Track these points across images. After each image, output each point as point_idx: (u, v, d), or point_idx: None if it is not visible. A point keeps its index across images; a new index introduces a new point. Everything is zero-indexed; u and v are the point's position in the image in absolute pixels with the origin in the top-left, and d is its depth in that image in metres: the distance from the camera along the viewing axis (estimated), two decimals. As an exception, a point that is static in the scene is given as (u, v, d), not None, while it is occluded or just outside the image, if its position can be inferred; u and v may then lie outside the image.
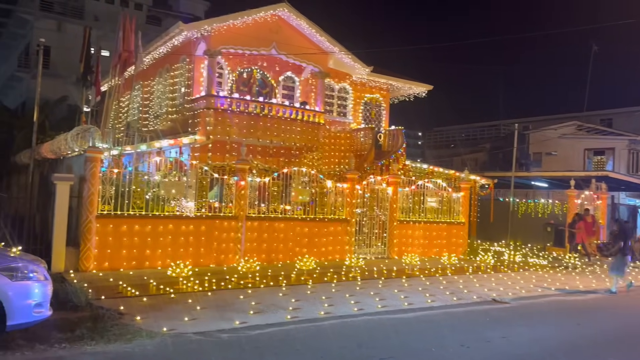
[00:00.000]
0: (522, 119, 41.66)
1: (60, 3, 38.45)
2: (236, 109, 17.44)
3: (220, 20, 17.55)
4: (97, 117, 16.92)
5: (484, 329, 8.61)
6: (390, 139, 21.84)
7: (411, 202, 17.59)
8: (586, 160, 34.85)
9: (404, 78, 23.50)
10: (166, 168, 13.81)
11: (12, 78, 39.71)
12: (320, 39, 19.33)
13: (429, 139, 57.21)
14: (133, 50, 14.99)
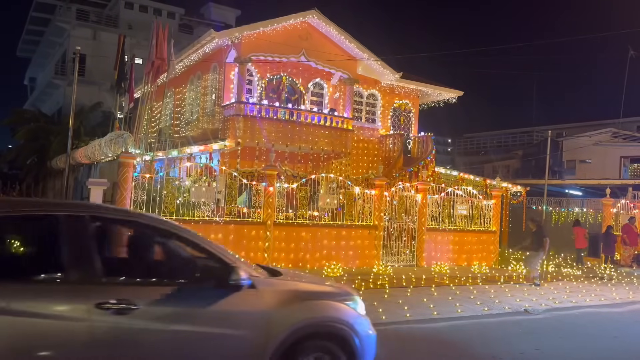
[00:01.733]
0: (555, 126, 40.84)
1: (96, 12, 39.57)
2: (265, 115, 17.58)
3: (250, 28, 17.75)
4: (130, 123, 17.26)
5: (516, 340, 8.40)
6: (420, 145, 21.66)
7: (440, 209, 17.36)
8: (622, 168, 33.91)
9: (433, 84, 23.30)
10: (196, 174, 13.99)
11: (50, 85, 40.98)
12: (350, 45, 19.35)
13: (459, 145, 56.52)
14: (166, 58, 15.27)
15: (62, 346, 3.44)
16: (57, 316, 3.44)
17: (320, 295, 4.82)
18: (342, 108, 19.88)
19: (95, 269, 3.72)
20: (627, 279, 16.45)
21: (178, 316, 3.88)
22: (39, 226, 3.92)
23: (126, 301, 3.64)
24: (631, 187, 22.75)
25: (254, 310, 4.20)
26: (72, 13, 38.24)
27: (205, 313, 3.99)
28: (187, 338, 3.88)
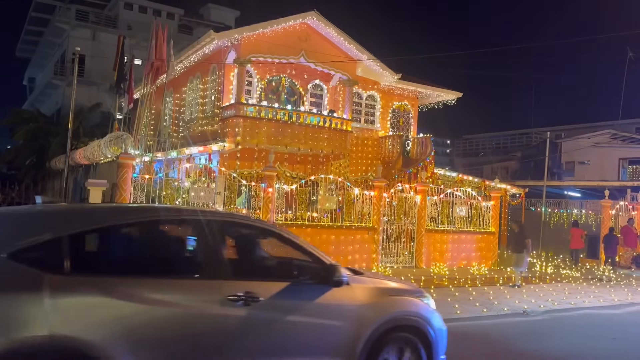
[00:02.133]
0: (554, 127, 40.93)
1: (95, 13, 39.57)
2: (264, 116, 17.59)
3: (250, 29, 17.76)
4: (129, 124, 17.27)
5: (515, 342, 8.42)
6: (419, 146, 21.69)
7: (439, 210, 17.38)
8: (621, 169, 33.96)
9: (432, 85, 23.34)
10: (196, 174, 14.00)
11: (48, 85, 40.97)
12: (349, 47, 19.37)
13: (458, 146, 56.59)
14: (165, 58, 15.28)
15: (201, 332, 4.03)
16: (197, 307, 4.02)
17: (401, 292, 5.39)
18: (342, 109, 19.90)
19: (225, 266, 4.39)
20: (625, 280, 16.48)
21: (292, 308, 4.47)
22: (180, 229, 4.68)
23: (251, 294, 4.22)
24: (630, 188, 22.80)
25: (350, 305, 4.77)
26: (71, 13, 38.23)
27: (312, 306, 4.57)
28: (299, 327, 4.48)
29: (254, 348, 4.28)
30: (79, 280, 3.71)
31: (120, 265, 4.25)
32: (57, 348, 3.47)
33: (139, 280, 3.93)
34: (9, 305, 3.42)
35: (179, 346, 3.96)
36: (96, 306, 3.67)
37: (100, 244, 4.32)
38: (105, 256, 4.35)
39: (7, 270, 3.54)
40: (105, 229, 4.20)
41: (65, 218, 4.06)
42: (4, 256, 3.56)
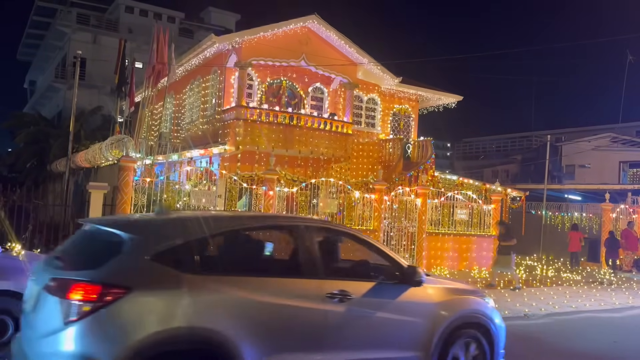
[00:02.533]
0: (554, 131, 40.90)
1: (96, 16, 39.63)
2: (265, 119, 17.62)
3: (251, 33, 17.81)
4: (130, 127, 17.30)
5: (516, 345, 8.41)
6: (419, 149, 21.71)
7: (440, 213, 17.38)
8: (621, 172, 33.96)
9: (433, 88, 23.38)
10: (196, 177, 14.00)
11: (49, 89, 41.00)
12: (350, 50, 19.41)
13: (458, 150, 56.61)
14: (166, 62, 15.30)
15: (306, 324, 4.59)
16: (302, 302, 4.58)
17: (466, 292, 5.92)
18: (342, 112, 19.93)
19: (322, 267, 4.87)
20: (626, 284, 16.46)
21: (378, 305, 4.98)
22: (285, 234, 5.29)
23: (345, 292, 4.74)
24: (630, 192, 22.78)
25: (426, 303, 5.29)
26: (72, 17, 38.29)
27: (395, 303, 5.10)
28: (385, 323, 4.99)
29: (349, 340, 4.78)
30: (206, 279, 4.24)
31: (237, 265, 4.76)
32: (195, 337, 4.02)
33: (253, 279, 4.48)
34: (155, 299, 3.98)
35: (288, 336, 4.50)
36: (221, 301, 4.20)
37: (220, 247, 4.85)
38: (225, 258, 4.86)
39: (151, 270, 4.10)
40: (224, 234, 4.82)
41: (192, 225, 4.57)
42: (148, 258, 4.12)
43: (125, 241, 4.20)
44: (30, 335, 4.17)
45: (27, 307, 4.41)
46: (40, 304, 4.10)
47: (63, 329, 3.80)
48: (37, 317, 4.10)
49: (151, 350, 3.83)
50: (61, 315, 3.82)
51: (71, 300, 3.83)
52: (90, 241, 4.58)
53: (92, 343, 3.78)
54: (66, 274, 4.08)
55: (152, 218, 5.02)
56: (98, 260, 4.10)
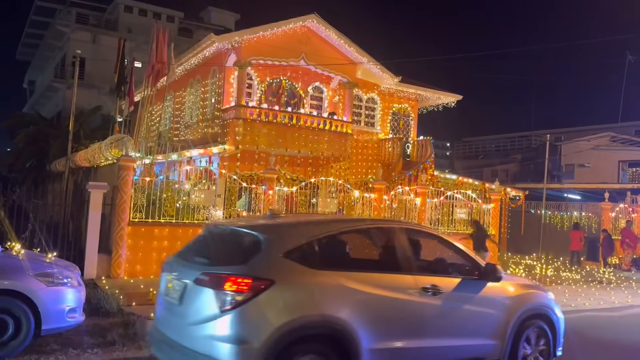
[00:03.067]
0: (554, 130, 40.92)
1: (96, 16, 39.62)
2: (265, 119, 17.61)
3: (250, 32, 17.80)
4: (130, 126, 17.29)
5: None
6: (419, 149, 21.72)
7: (439, 213, 17.38)
8: (620, 172, 33.97)
9: (432, 88, 23.37)
10: (196, 177, 14.01)
11: (49, 88, 40.98)
12: (349, 50, 19.41)
13: (457, 149, 56.63)
14: (166, 61, 15.30)
15: (407, 313, 5.22)
16: (403, 295, 5.19)
17: (532, 287, 6.62)
18: (342, 112, 19.93)
19: (416, 264, 5.57)
20: (625, 282, 16.48)
21: (464, 299, 5.61)
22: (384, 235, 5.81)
23: (436, 287, 5.37)
24: (630, 191, 22.78)
25: (502, 297, 5.96)
26: (71, 17, 38.28)
27: (477, 297, 5.73)
28: (470, 314, 5.64)
29: (442, 328, 5.44)
30: (327, 273, 4.88)
31: (349, 262, 5.56)
32: (325, 323, 4.67)
33: (363, 274, 5.10)
34: (293, 291, 4.66)
35: (393, 323, 5.12)
36: (341, 292, 4.81)
37: (335, 246, 5.40)
38: (339, 255, 5.46)
39: (286, 266, 4.73)
40: (337, 235, 5.41)
41: (312, 227, 5.30)
42: (281, 255, 4.76)
43: (262, 241, 4.87)
44: (180, 323, 4.77)
45: (168, 299, 5.06)
46: (191, 295, 4.70)
47: (219, 316, 4.42)
48: (188, 307, 4.70)
49: (292, 333, 4.47)
50: (217, 304, 4.45)
51: (227, 292, 4.46)
52: (229, 241, 5.36)
53: (245, 328, 4.41)
54: (217, 269, 4.72)
55: (280, 221, 5.68)
56: (243, 257, 4.77)
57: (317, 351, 4.59)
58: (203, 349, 4.47)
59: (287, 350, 4.44)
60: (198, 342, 4.52)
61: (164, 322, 5.10)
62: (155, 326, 5.25)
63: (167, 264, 5.39)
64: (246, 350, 4.35)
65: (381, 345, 4.96)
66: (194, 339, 4.57)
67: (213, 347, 4.42)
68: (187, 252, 5.45)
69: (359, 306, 4.86)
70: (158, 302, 5.34)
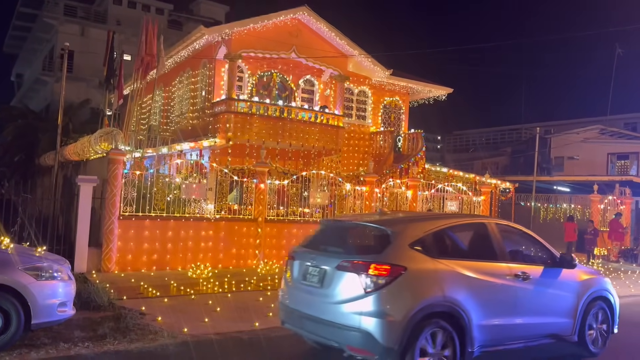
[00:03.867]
0: (544, 123, 41.10)
1: (84, 8, 39.17)
2: (256, 112, 17.55)
3: (241, 24, 17.68)
4: (119, 120, 17.14)
5: None
6: (410, 142, 21.77)
7: (431, 205, 17.46)
8: (609, 164, 34.24)
9: (423, 81, 23.39)
10: (187, 170, 13.95)
11: (37, 81, 40.52)
12: (340, 43, 19.35)
13: (448, 142, 56.81)
14: (155, 54, 15.16)
15: (505, 296, 6.24)
16: (501, 280, 6.22)
17: (594, 272, 7.69)
18: (333, 105, 19.90)
19: (508, 254, 6.56)
20: (613, 273, 16.66)
21: (547, 284, 6.66)
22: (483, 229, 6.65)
23: (525, 273, 6.43)
24: (618, 183, 22.99)
25: (574, 282, 7.00)
26: (59, 9, 37.80)
27: (556, 282, 6.79)
28: (551, 297, 6.69)
29: (530, 308, 6.43)
30: (443, 262, 5.84)
31: (459, 252, 6.46)
32: (446, 303, 5.61)
33: (471, 262, 6.10)
34: (421, 276, 5.62)
35: (495, 304, 6.10)
36: (455, 277, 5.79)
37: (445, 238, 6.34)
38: (450, 246, 6.39)
39: (413, 255, 5.67)
40: (447, 229, 6.34)
41: (426, 222, 6.25)
42: (407, 246, 5.70)
43: (391, 234, 5.79)
44: (322, 302, 5.71)
45: (306, 283, 6.00)
46: (332, 279, 5.66)
47: (365, 296, 5.37)
48: (330, 289, 5.65)
49: (423, 310, 5.42)
50: (362, 286, 5.41)
51: (370, 276, 5.41)
52: (359, 234, 6.63)
53: (387, 305, 5.36)
54: (358, 258, 5.68)
55: (401, 217, 6.93)
56: (377, 248, 5.84)
57: (439, 326, 5.54)
58: (351, 322, 5.39)
59: (419, 323, 5.39)
60: (344, 317, 5.46)
61: (301, 302, 6.06)
62: (288, 306, 6.26)
63: (297, 253, 6.38)
64: (391, 323, 5.30)
65: (485, 322, 5.90)
66: (339, 315, 5.50)
67: (361, 321, 5.33)
68: (315, 244, 6.41)
69: (469, 289, 5.82)
70: (290, 286, 6.31)
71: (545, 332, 6.67)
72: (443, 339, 5.58)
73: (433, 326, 5.50)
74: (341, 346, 5.58)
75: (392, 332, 5.27)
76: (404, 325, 5.29)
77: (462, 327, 5.66)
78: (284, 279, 6.51)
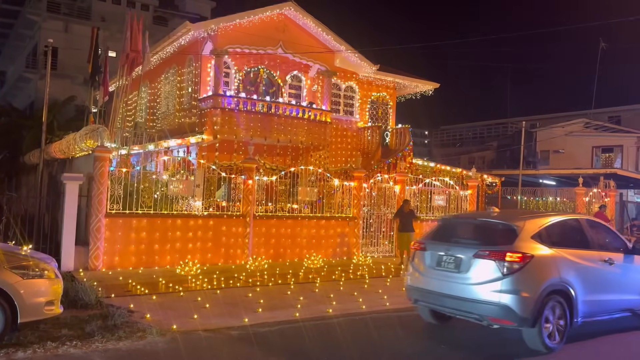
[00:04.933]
0: (529, 117, 41.46)
1: (67, 4, 38.67)
2: (243, 108, 17.49)
3: (227, 20, 17.59)
4: (105, 117, 16.99)
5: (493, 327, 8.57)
6: (397, 137, 21.84)
7: (418, 200, 17.56)
8: (594, 157, 34.66)
9: (410, 76, 23.46)
10: (174, 167, 13.88)
11: (20, 79, 39.97)
12: (327, 38, 19.34)
13: (435, 137, 57.05)
14: (140, 50, 15.05)
15: (601, 278, 7.77)
16: (596, 264, 7.73)
17: None
18: (321, 100, 19.89)
19: (598, 243, 8.14)
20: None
21: (626, 267, 8.14)
22: (574, 224, 8.25)
23: (611, 259, 7.90)
24: (603, 176, 23.25)
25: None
26: (42, 5, 37.26)
27: (632, 266, 8.25)
28: (630, 278, 8.19)
29: (616, 287, 7.96)
30: (556, 250, 7.30)
31: (565, 242, 7.65)
32: (562, 282, 7.13)
33: (574, 250, 7.54)
34: (544, 261, 7.10)
35: (593, 284, 7.53)
36: (566, 262, 7.29)
37: (555, 231, 7.68)
38: (559, 237, 7.66)
39: (534, 245, 7.13)
40: (556, 224, 7.78)
41: (539, 218, 7.68)
42: (530, 238, 7.18)
43: (516, 229, 7.23)
44: (461, 284, 7.07)
45: (442, 269, 7.35)
46: (470, 265, 7.04)
47: (503, 278, 6.79)
48: (468, 273, 7.04)
49: (547, 289, 6.91)
50: (499, 270, 6.83)
51: (506, 262, 6.83)
52: (488, 228, 7.79)
53: (521, 285, 6.79)
54: (495, 248, 7.02)
55: (520, 215, 8.25)
56: (508, 240, 7.10)
57: (557, 300, 7.03)
58: (491, 298, 6.78)
59: (544, 299, 6.85)
60: (485, 294, 6.84)
61: (437, 284, 7.37)
62: (423, 288, 7.61)
63: (427, 245, 7.77)
64: (526, 299, 6.74)
65: (587, 298, 7.32)
66: (480, 293, 6.88)
67: (500, 298, 6.73)
68: (443, 237, 7.83)
69: (575, 272, 7.28)
70: (423, 272, 7.66)
71: (623, 307, 8.14)
72: (560, 311, 7.05)
73: (553, 301, 6.97)
74: (482, 318, 6.94)
75: (527, 306, 6.71)
76: (534, 300, 6.75)
77: (571, 302, 7.13)
78: (413, 266, 7.93)
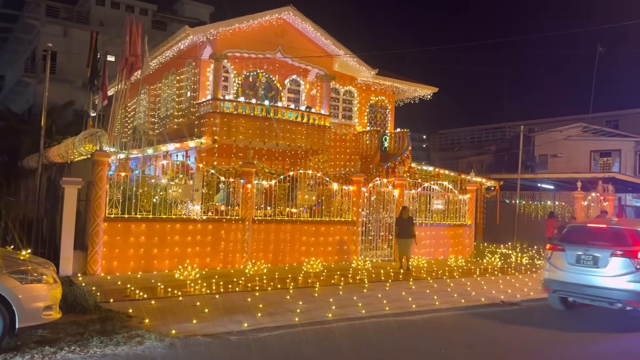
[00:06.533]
0: (527, 121, 41.56)
1: (66, 8, 38.72)
2: (242, 112, 17.49)
3: (226, 24, 17.61)
4: (104, 121, 16.99)
5: (493, 330, 8.58)
6: (396, 141, 21.85)
7: (417, 204, 17.56)
8: (592, 161, 34.72)
9: (409, 80, 23.50)
10: (173, 171, 13.87)
11: (19, 83, 39.95)
12: (326, 42, 19.36)
13: (434, 141, 57.12)
14: (139, 54, 15.05)
15: None
16: None
17: None
18: (319, 105, 19.90)
19: None
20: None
21: None
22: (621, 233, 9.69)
23: None
24: (601, 180, 23.31)
25: None
26: (41, 9, 37.30)
27: None
28: None
29: None
30: None
31: None
32: None
33: None
34: None
35: None
36: None
37: None
38: None
39: None
40: None
41: None
42: None
43: None
44: (600, 276, 9.07)
45: (581, 265, 9.35)
46: (608, 262, 9.03)
47: (636, 272, 8.76)
48: (606, 268, 9.04)
49: None
50: (633, 265, 8.80)
51: (638, 259, 8.76)
52: (615, 233, 9.65)
53: None
54: (629, 248, 8.92)
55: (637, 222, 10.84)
56: (635, 242, 9.02)
57: None
58: (628, 287, 8.75)
59: None
60: (622, 284, 8.80)
61: (578, 278, 9.34)
62: (564, 281, 9.59)
63: (566, 246, 9.77)
64: None
65: None
66: (617, 283, 8.85)
67: (635, 286, 8.69)
68: (578, 240, 9.74)
69: None
70: (563, 269, 9.63)
71: None
72: None
73: None
74: (620, 302, 8.85)
75: None
76: None
77: None
78: (550, 264, 9.99)
